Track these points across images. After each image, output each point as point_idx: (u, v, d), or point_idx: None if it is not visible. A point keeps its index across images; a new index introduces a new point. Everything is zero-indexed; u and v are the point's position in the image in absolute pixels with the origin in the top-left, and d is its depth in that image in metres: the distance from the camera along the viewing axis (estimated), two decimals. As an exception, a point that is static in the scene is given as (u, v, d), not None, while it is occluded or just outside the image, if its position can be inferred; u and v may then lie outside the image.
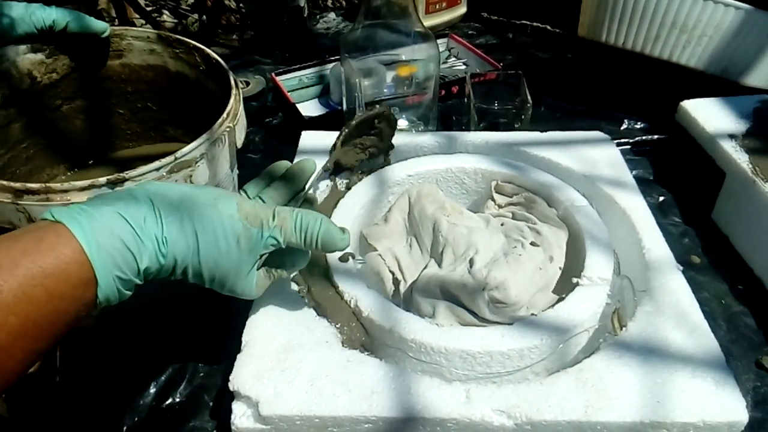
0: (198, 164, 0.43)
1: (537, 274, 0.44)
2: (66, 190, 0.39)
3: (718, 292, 0.53)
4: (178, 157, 0.42)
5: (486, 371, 0.40)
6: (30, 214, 0.39)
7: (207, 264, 0.34)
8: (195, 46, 0.54)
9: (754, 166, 0.55)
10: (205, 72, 0.54)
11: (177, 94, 0.57)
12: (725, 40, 0.66)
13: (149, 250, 0.32)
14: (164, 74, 0.56)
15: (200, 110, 0.56)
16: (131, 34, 0.55)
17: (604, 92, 0.80)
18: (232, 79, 0.50)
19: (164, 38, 0.55)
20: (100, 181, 0.40)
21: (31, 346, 0.29)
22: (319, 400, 0.37)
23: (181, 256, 0.33)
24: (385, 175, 0.56)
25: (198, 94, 0.56)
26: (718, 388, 0.37)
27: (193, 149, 0.43)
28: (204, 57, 0.54)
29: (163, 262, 0.32)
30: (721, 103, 0.64)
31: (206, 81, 0.54)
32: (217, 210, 0.34)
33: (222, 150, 0.46)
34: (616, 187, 0.53)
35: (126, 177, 0.40)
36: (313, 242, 0.37)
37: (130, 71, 0.57)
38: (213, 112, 0.52)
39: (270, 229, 0.36)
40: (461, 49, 0.90)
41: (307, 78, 0.83)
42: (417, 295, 0.45)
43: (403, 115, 0.70)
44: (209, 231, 0.33)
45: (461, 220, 0.51)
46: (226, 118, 0.47)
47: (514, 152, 0.59)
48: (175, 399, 0.45)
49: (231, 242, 0.34)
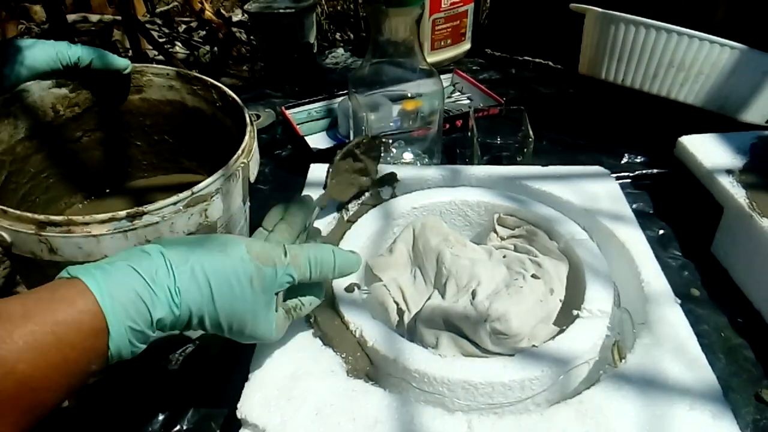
0: (213, 198, 0.45)
1: (538, 306, 0.45)
2: (87, 223, 0.41)
3: (717, 324, 0.54)
4: (194, 192, 0.44)
5: (488, 402, 0.41)
6: (52, 245, 0.41)
7: (223, 310, 0.34)
8: (212, 83, 0.56)
9: (751, 201, 0.56)
10: (221, 108, 0.56)
11: (193, 128, 0.59)
12: (722, 79, 0.69)
13: (162, 300, 0.32)
14: (182, 109, 0.58)
15: (215, 143, 0.58)
16: (151, 71, 0.57)
17: (605, 127, 0.82)
18: (248, 117, 0.52)
19: (183, 75, 0.57)
20: (120, 214, 0.41)
21: (38, 398, 0.28)
22: (325, 429, 0.38)
23: (195, 305, 0.33)
24: (390, 208, 0.58)
25: (213, 128, 0.58)
26: (716, 421, 0.38)
27: (209, 184, 0.45)
28: (221, 94, 0.56)
29: (177, 313, 0.33)
30: (719, 138, 0.66)
31: (222, 117, 0.56)
32: (227, 254, 0.35)
33: (236, 184, 0.48)
34: (616, 221, 0.55)
35: (144, 211, 0.42)
36: (329, 271, 0.38)
37: (149, 105, 0.59)
38: (227, 145, 0.54)
39: (283, 266, 0.36)
40: (465, 84, 0.93)
41: (316, 111, 0.85)
42: (421, 325, 0.46)
43: (409, 148, 0.73)
44: (221, 276, 0.34)
45: (464, 252, 0.52)
46: (240, 154, 0.48)
47: (516, 186, 0.60)
48: (183, 426, 0.46)
49: (245, 284, 0.35)
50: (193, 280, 0.33)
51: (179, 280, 0.33)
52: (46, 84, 0.53)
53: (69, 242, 0.41)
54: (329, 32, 1.68)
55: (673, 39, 0.68)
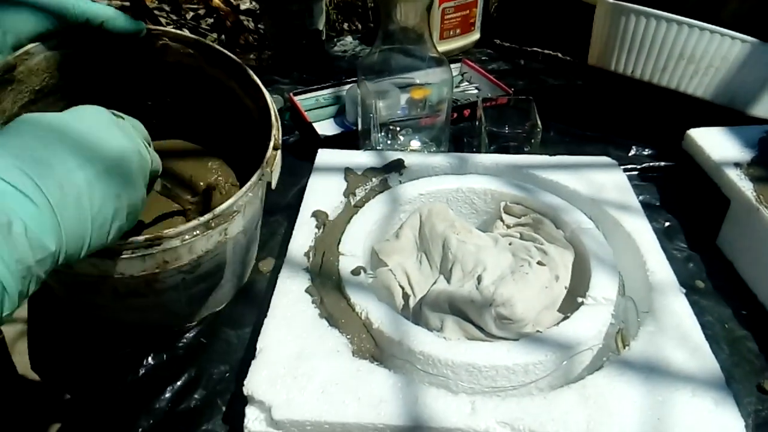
0: (234, 217, 0.44)
1: (543, 293, 0.46)
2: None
3: (721, 316, 0.54)
4: (216, 214, 0.43)
5: (491, 385, 0.41)
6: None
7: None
8: (233, 59, 0.54)
9: (758, 194, 0.56)
10: (242, 87, 0.55)
11: (207, 97, 0.58)
12: (732, 72, 0.68)
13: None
14: (199, 75, 0.56)
15: (229, 115, 0.57)
16: (169, 36, 0.54)
17: (614, 119, 0.82)
18: (273, 114, 0.51)
19: (202, 45, 0.54)
20: (138, 240, 0.40)
21: None
22: (330, 407, 0.38)
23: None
24: (397, 194, 0.58)
25: (231, 102, 0.56)
26: (718, 407, 0.38)
27: (231, 204, 0.44)
28: (244, 73, 0.54)
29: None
30: (727, 132, 0.66)
31: (244, 95, 0.55)
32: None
33: (257, 196, 0.48)
34: (622, 211, 0.55)
35: (163, 236, 0.41)
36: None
37: (163, 68, 0.56)
38: (244, 121, 0.53)
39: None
40: (474, 74, 0.92)
41: (324, 98, 0.85)
42: (426, 309, 0.46)
43: (416, 136, 0.73)
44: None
45: (470, 238, 0.53)
46: (264, 166, 0.48)
47: (523, 175, 0.60)
48: (190, 404, 0.47)
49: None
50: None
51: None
52: (50, 44, 0.49)
53: (83, 261, 0.38)
54: (337, 22, 1.67)
55: (684, 31, 0.68)
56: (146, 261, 0.42)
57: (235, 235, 0.47)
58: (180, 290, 0.48)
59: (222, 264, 0.50)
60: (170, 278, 0.46)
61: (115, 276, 0.42)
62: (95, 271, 0.41)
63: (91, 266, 0.41)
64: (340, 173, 0.60)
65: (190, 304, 0.51)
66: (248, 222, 0.49)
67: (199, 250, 0.44)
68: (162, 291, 0.47)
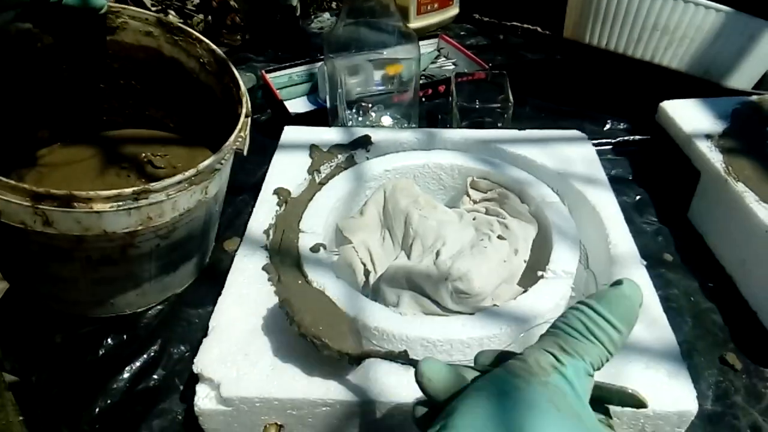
0: (214, 175, 0.45)
1: (501, 267, 0.45)
2: (90, 198, 0.39)
3: (687, 289, 0.54)
4: (199, 170, 0.43)
5: (447, 359, 0.41)
6: (48, 218, 0.39)
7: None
8: (198, 37, 0.53)
9: (728, 165, 0.56)
10: (205, 65, 0.54)
11: (166, 78, 0.57)
12: (707, 43, 0.67)
13: None
14: (157, 57, 0.55)
15: (189, 98, 0.56)
16: (129, 13, 0.54)
17: (590, 93, 0.81)
18: (242, 86, 0.50)
19: (164, 24, 0.54)
20: (125, 192, 0.40)
21: None
22: (279, 384, 0.38)
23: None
24: (362, 170, 0.57)
25: (190, 83, 0.56)
26: (671, 379, 0.38)
27: (213, 162, 0.44)
28: (208, 51, 0.53)
29: None
30: (701, 104, 0.65)
31: (206, 75, 0.54)
32: None
33: (230, 159, 0.48)
34: (588, 185, 0.54)
35: (150, 189, 0.41)
36: (608, 330, 0.26)
37: (119, 48, 0.55)
38: (205, 102, 0.52)
39: (572, 357, 0.26)
40: (451, 49, 0.91)
41: (297, 76, 0.84)
42: (383, 285, 0.46)
43: (388, 112, 0.72)
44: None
45: (434, 214, 0.52)
46: (240, 129, 0.48)
47: (491, 149, 0.60)
48: (149, 383, 0.47)
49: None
50: None
51: None
52: (8, 16, 0.48)
53: (68, 216, 0.39)
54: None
55: (657, 1, 0.66)
56: (131, 216, 0.41)
57: (213, 196, 0.47)
58: (152, 260, 0.47)
59: (193, 232, 0.49)
60: (146, 242, 0.45)
61: (96, 235, 0.41)
62: (77, 229, 0.40)
63: (74, 222, 0.40)
64: (305, 150, 0.59)
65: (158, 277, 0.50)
66: (221, 188, 0.49)
67: (181, 208, 0.44)
68: (134, 258, 0.46)
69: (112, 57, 0.55)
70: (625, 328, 0.26)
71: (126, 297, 0.50)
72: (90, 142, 0.59)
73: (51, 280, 0.48)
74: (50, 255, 0.44)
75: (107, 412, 0.45)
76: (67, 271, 0.46)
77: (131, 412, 0.45)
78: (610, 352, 0.26)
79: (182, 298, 0.53)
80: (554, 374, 0.24)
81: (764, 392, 0.46)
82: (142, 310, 0.52)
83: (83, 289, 0.48)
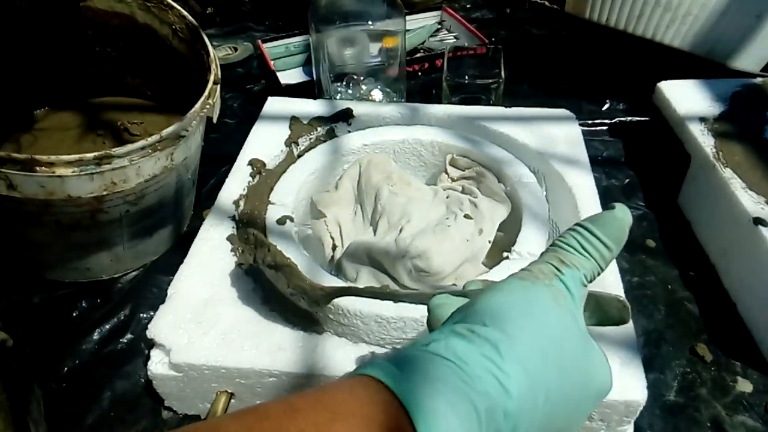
0: (179, 142, 0.45)
1: (464, 246, 0.44)
2: (52, 163, 0.40)
3: (666, 277, 0.52)
4: (163, 137, 0.43)
5: (402, 336, 0.41)
6: (11, 181, 0.40)
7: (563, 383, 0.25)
8: (170, 4, 0.54)
9: (718, 150, 0.53)
10: (177, 32, 0.54)
11: (141, 45, 0.57)
12: (711, 20, 0.64)
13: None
14: (130, 24, 0.55)
15: (165, 65, 0.56)
16: None
17: (592, 72, 0.78)
18: (212, 54, 0.50)
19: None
20: (87, 156, 0.40)
21: None
22: (228, 353, 0.38)
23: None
24: (340, 144, 0.56)
25: (164, 50, 0.56)
26: (622, 368, 0.37)
27: (177, 129, 0.44)
28: (179, 17, 0.53)
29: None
30: (700, 85, 0.62)
31: (177, 42, 0.54)
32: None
33: (199, 127, 0.47)
34: (568, 165, 0.52)
35: (113, 154, 0.41)
36: (600, 248, 0.28)
37: (92, 15, 0.55)
38: (180, 70, 0.51)
39: (570, 268, 0.28)
40: (453, 23, 0.89)
41: (294, 46, 0.83)
42: (344, 260, 0.46)
43: (378, 85, 0.71)
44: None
45: (406, 190, 0.51)
46: (207, 97, 0.47)
47: (474, 127, 0.58)
48: (116, 346, 0.48)
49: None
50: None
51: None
52: None
53: (30, 180, 0.40)
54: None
55: (660, -25, 0.63)
56: (94, 180, 0.42)
57: (180, 163, 0.47)
58: (123, 226, 0.48)
59: (164, 200, 0.50)
60: (114, 208, 0.46)
61: (61, 199, 0.42)
62: (41, 193, 0.41)
63: (38, 186, 0.40)
64: (287, 122, 0.59)
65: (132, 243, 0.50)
66: (191, 156, 0.49)
67: (145, 174, 0.44)
68: (104, 224, 0.47)
69: (85, 24, 0.55)
70: (615, 246, 0.29)
71: (100, 262, 0.51)
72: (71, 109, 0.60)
73: (26, 244, 0.49)
74: (21, 220, 0.45)
75: (75, 371, 0.46)
76: (39, 235, 0.47)
77: (98, 372, 0.46)
78: (601, 266, 0.29)
79: (157, 265, 0.54)
80: (555, 280, 0.28)
81: (731, 385, 0.44)
82: (118, 275, 0.53)
83: (56, 254, 0.49)
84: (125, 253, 0.51)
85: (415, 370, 0.23)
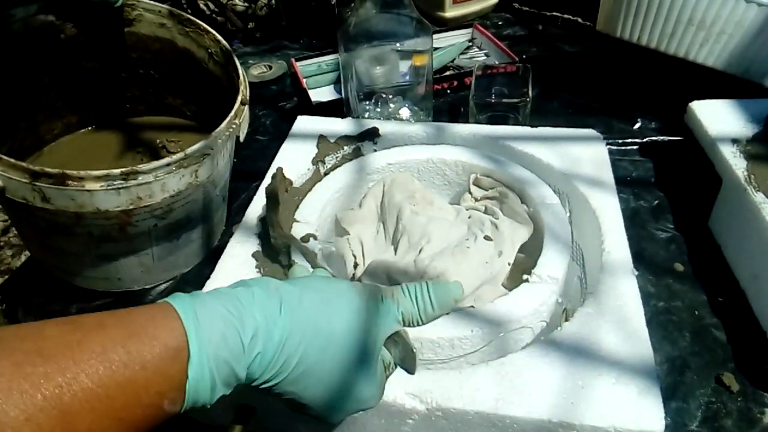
0: (204, 159, 0.47)
1: (482, 268, 0.45)
2: (82, 177, 0.42)
3: (693, 302, 0.51)
4: (187, 154, 0.46)
5: (418, 357, 0.41)
6: (45, 194, 0.43)
7: (329, 353, 0.30)
8: (206, 28, 0.56)
9: (750, 173, 0.52)
10: (212, 55, 0.56)
11: (180, 68, 0.60)
12: (747, 39, 0.63)
13: (256, 326, 0.28)
14: (171, 48, 0.58)
15: (202, 86, 0.59)
16: (143, 6, 0.57)
17: (624, 90, 0.78)
18: (242, 75, 0.52)
19: (176, 15, 0.57)
20: (114, 172, 0.43)
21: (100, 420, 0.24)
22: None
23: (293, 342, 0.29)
24: (365, 163, 0.58)
25: (201, 73, 0.58)
26: (640, 397, 0.37)
27: (201, 147, 0.46)
28: (214, 41, 0.56)
29: (273, 348, 0.28)
30: (734, 105, 0.61)
31: (213, 66, 0.57)
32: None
33: (225, 145, 0.49)
34: (593, 187, 0.52)
35: (138, 170, 0.44)
36: (427, 304, 0.35)
37: (137, 39, 0.58)
38: (216, 91, 0.54)
39: (392, 300, 0.34)
40: (484, 40, 0.89)
41: (326, 65, 0.85)
42: (364, 279, 0.47)
43: (407, 104, 0.71)
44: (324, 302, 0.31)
45: (428, 210, 0.52)
46: (233, 116, 0.49)
47: (499, 146, 0.58)
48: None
49: (354, 320, 0.31)
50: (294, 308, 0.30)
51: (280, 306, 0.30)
52: (32, 9, 0.52)
53: (62, 193, 0.43)
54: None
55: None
56: (121, 195, 0.44)
57: (205, 180, 0.48)
58: (152, 239, 0.50)
59: (192, 214, 0.52)
60: (143, 222, 0.48)
61: (91, 212, 0.44)
62: (72, 206, 0.44)
63: (69, 199, 0.43)
64: (314, 140, 0.60)
65: (161, 256, 0.53)
66: (219, 173, 0.51)
67: (171, 189, 0.46)
68: (133, 237, 0.49)
69: (130, 48, 0.58)
70: (439, 310, 0.35)
71: (131, 273, 0.53)
72: (115, 127, 0.63)
73: (60, 254, 0.52)
74: (55, 230, 0.48)
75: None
76: (72, 246, 0.50)
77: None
78: (421, 317, 0.35)
79: (187, 277, 0.56)
80: (377, 293, 0.33)
81: (759, 417, 0.43)
82: (149, 287, 0.55)
83: (89, 264, 0.52)
84: (155, 265, 0.54)
85: (204, 303, 0.28)
